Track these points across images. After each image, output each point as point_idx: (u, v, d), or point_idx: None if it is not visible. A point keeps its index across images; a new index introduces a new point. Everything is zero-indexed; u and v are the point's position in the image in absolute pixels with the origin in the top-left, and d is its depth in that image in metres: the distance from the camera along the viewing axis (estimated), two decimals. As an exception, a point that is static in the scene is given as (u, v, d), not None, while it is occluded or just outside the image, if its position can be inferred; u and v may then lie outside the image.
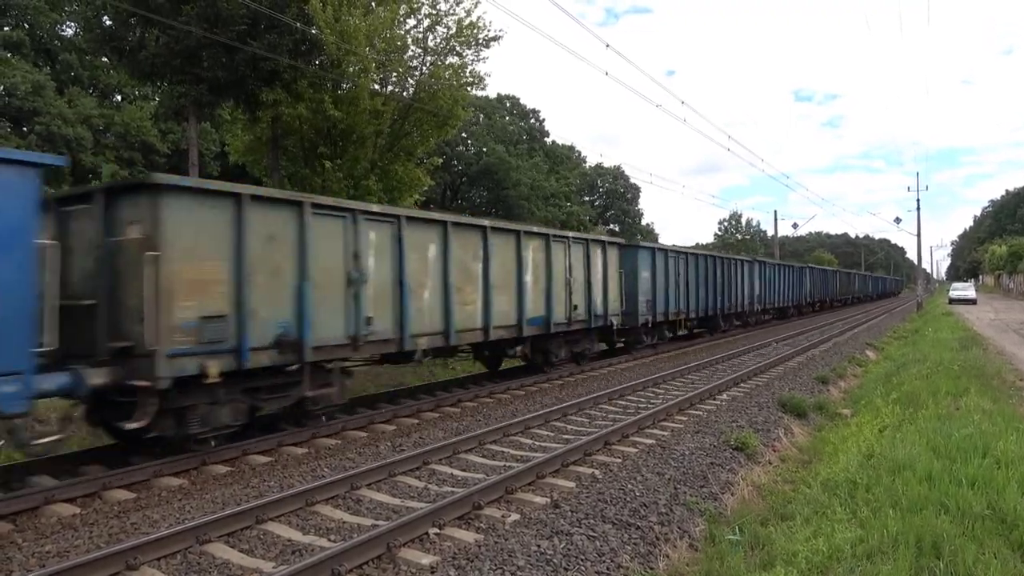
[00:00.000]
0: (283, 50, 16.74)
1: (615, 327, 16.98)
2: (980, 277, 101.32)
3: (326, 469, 7.81)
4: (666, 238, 75.04)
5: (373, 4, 18.98)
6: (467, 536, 5.71)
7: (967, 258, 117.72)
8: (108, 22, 17.87)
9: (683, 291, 21.64)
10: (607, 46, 18.22)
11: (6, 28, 26.53)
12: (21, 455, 8.63)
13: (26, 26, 28.21)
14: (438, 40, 19.95)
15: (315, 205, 9.17)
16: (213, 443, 8.16)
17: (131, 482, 7.26)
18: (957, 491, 6.16)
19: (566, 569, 5.19)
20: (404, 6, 19.12)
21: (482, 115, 48.31)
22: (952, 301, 51.04)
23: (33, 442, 6.75)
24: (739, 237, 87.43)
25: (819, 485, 7.29)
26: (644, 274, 18.93)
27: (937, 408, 9.87)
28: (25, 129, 24.74)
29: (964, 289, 56.90)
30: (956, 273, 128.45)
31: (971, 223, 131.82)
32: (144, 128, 27.12)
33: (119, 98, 30.62)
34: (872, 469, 7.26)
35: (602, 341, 18.13)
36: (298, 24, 16.94)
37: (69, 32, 29.42)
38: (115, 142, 26.96)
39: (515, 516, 6.17)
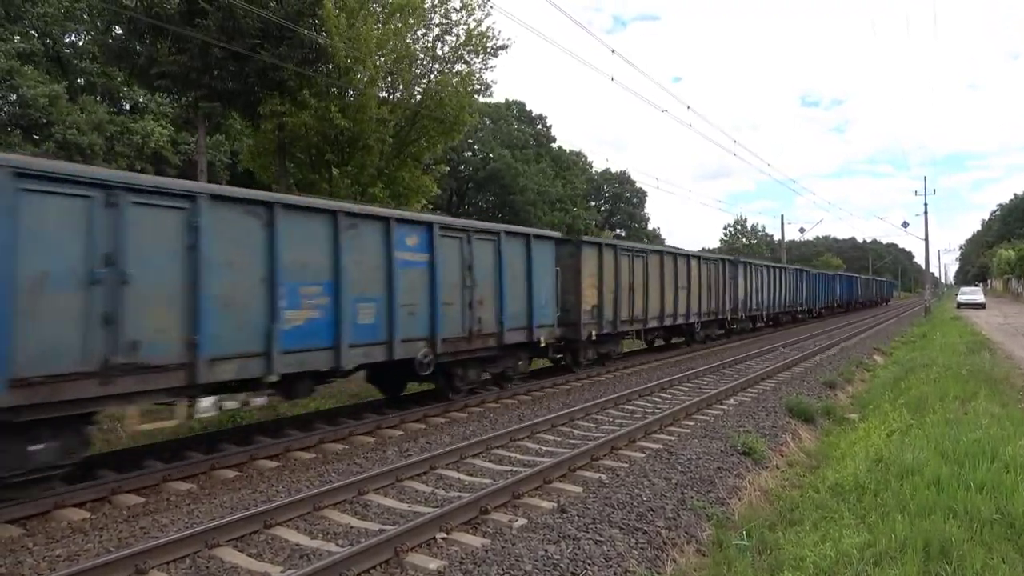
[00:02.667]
0: (293, 60, 16.85)
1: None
2: (989, 281, 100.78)
3: (333, 474, 7.83)
4: (672, 242, 75.24)
5: (381, 12, 19.10)
6: (474, 541, 5.72)
7: (975, 262, 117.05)
8: (119, 31, 18.02)
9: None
10: (613, 51, 18.30)
11: (17, 38, 26.76)
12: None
13: (35, 34, 28.51)
14: (446, 49, 20.09)
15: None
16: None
17: (141, 486, 7.31)
18: (965, 495, 6.15)
19: (573, 574, 5.20)
20: (413, 19, 19.23)
21: (488, 120, 48.43)
22: (960, 305, 50.77)
23: None
24: (745, 242, 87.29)
25: (827, 490, 7.28)
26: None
27: (945, 412, 9.83)
28: (37, 137, 24.93)
29: (972, 293, 56.57)
30: (964, 277, 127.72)
31: (979, 227, 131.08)
32: (161, 144, 27.40)
33: (128, 107, 30.84)
34: (880, 473, 7.24)
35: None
36: (309, 32, 17.06)
37: (81, 41, 29.69)
38: (128, 151, 27.18)
39: (522, 521, 6.17)
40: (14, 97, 24.28)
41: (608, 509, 6.49)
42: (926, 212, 46.51)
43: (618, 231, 65.34)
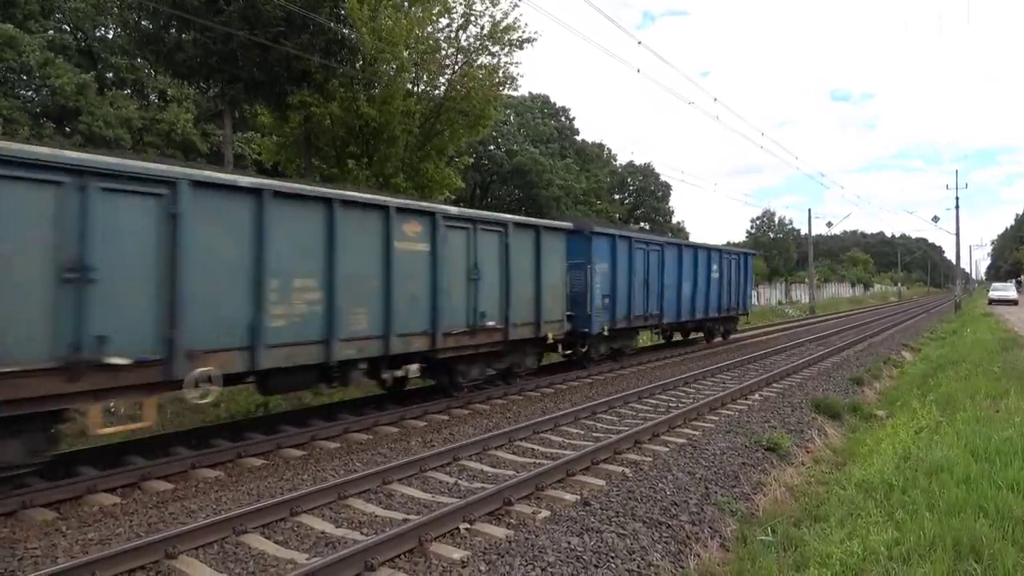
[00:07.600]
0: (316, 50, 16.96)
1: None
2: (1022, 277, 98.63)
3: (358, 463, 7.90)
4: (698, 236, 74.67)
5: (406, 4, 19.13)
6: (497, 532, 5.74)
7: (1008, 258, 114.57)
8: (146, 23, 18.24)
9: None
10: (639, 43, 18.27)
11: (51, 32, 27.30)
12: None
13: (68, 28, 29.05)
14: (470, 39, 20.05)
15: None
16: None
17: (170, 473, 7.45)
18: (996, 494, 6.04)
19: (596, 566, 5.20)
20: (439, 6, 19.21)
21: (513, 114, 48.35)
22: (992, 302, 49.78)
23: None
24: (771, 236, 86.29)
25: (853, 487, 7.19)
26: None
27: (975, 410, 9.66)
28: (68, 129, 25.43)
29: (1004, 289, 55.35)
30: (996, 273, 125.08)
31: (1012, 222, 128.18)
32: (187, 130, 27.82)
33: (155, 98, 31.31)
34: (908, 471, 7.14)
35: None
36: (332, 24, 17.14)
37: (111, 35, 30.18)
38: (157, 140, 27.65)
39: (545, 513, 6.18)
40: (45, 91, 24.77)
41: (631, 503, 6.48)
42: (957, 206, 45.55)
43: (642, 224, 64.95)
